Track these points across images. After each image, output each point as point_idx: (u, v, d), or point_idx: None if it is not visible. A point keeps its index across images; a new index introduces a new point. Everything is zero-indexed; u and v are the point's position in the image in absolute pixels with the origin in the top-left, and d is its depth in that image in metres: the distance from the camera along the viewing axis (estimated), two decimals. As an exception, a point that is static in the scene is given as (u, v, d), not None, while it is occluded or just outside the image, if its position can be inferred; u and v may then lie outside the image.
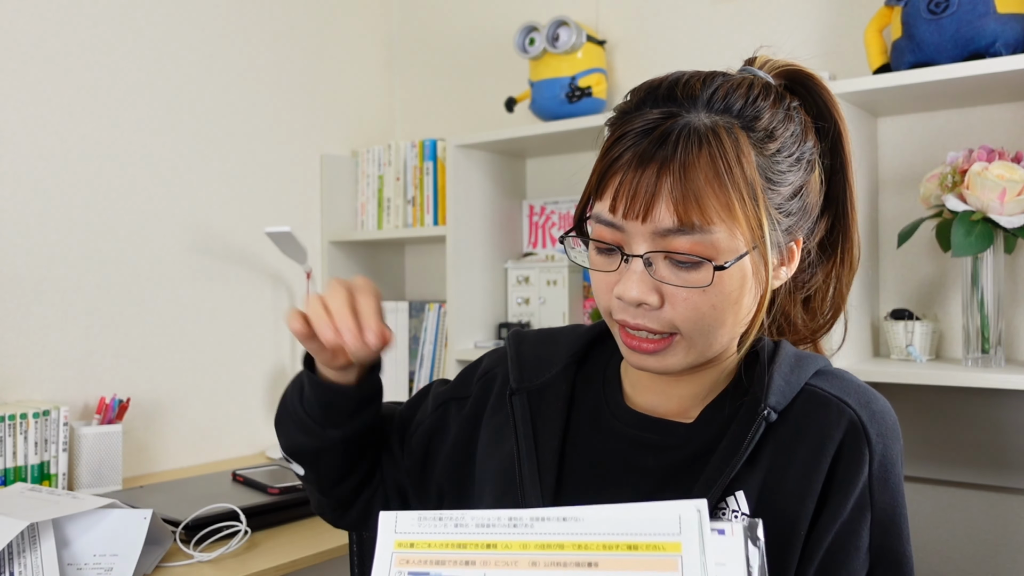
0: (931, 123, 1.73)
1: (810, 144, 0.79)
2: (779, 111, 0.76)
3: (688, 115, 0.73)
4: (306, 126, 2.38)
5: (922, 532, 1.74)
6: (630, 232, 0.73)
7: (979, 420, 1.67)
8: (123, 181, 1.97)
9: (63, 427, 1.70)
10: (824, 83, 0.83)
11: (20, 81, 1.80)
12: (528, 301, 2.15)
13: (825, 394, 0.78)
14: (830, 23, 1.86)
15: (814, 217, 0.82)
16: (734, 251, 0.72)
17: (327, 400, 0.87)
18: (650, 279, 0.73)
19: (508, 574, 0.63)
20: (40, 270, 1.82)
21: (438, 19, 2.54)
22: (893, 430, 0.77)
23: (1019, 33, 1.48)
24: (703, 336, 0.75)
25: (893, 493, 0.76)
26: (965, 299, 1.55)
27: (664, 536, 0.61)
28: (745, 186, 0.71)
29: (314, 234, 2.40)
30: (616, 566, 0.61)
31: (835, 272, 0.86)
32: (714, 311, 0.74)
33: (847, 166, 0.84)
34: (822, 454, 0.75)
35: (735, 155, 0.71)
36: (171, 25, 2.06)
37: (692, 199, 0.70)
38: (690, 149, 0.71)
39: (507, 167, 2.27)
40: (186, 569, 1.34)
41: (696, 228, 0.71)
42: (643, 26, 2.12)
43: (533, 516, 0.64)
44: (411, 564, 0.64)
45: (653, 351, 0.75)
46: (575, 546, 0.63)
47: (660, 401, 0.84)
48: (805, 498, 0.74)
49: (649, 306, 0.74)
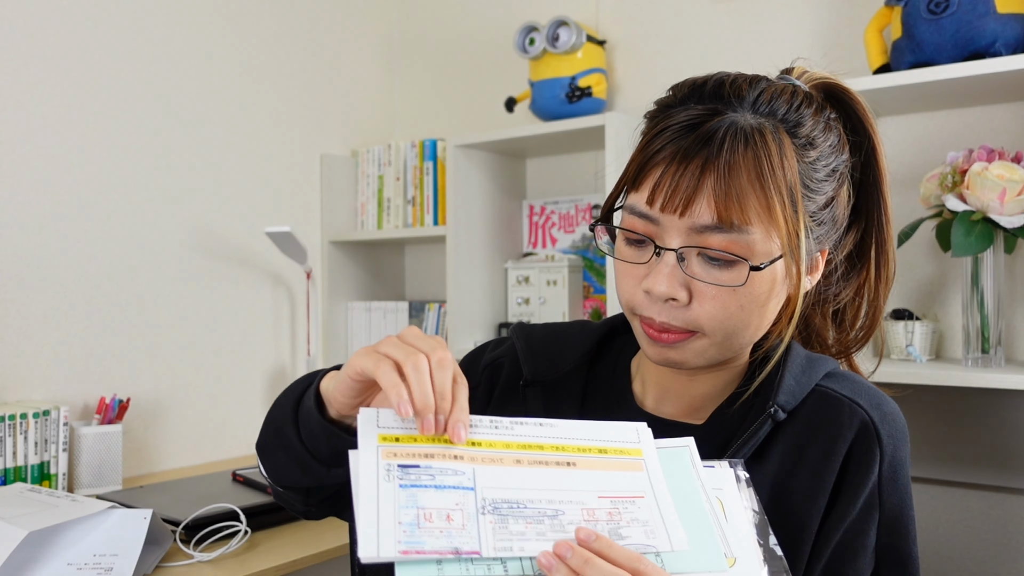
0: (931, 123, 1.73)
1: (845, 157, 0.80)
2: (820, 121, 0.77)
3: (733, 114, 0.73)
4: (306, 126, 2.38)
5: (922, 532, 1.74)
6: (665, 226, 0.72)
7: (979, 420, 1.67)
8: (123, 181, 1.97)
9: (63, 427, 1.70)
10: (859, 97, 0.83)
11: (20, 81, 1.80)
12: (528, 301, 2.15)
13: (837, 395, 0.78)
14: (830, 23, 1.86)
15: (841, 229, 0.82)
16: (768, 254, 0.72)
17: (340, 443, 0.73)
18: (681, 274, 0.72)
19: (494, 469, 0.64)
20: (40, 270, 1.82)
21: (438, 19, 2.54)
22: (902, 432, 0.78)
23: (1019, 33, 1.48)
24: (726, 337, 0.74)
25: (901, 494, 0.77)
26: (965, 299, 1.54)
27: (627, 444, 0.69)
28: (786, 190, 0.71)
29: (314, 234, 2.40)
30: (591, 466, 0.67)
31: (868, 286, 0.86)
32: (741, 312, 0.73)
33: (881, 180, 0.84)
34: (833, 454, 0.75)
35: (779, 158, 0.71)
36: (171, 25, 2.06)
37: (734, 198, 0.70)
38: (735, 148, 0.70)
39: (507, 167, 2.27)
40: (186, 569, 1.34)
41: (734, 227, 0.70)
42: (643, 26, 2.12)
43: (512, 421, 0.68)
44: (399, 457, 0.63)
45: (672, 343, 0.74)
46: (553, 448, 0.67)
47: (670, 401, 0.84)
48: (816, 497, 0.74)
49: (677, 302, 0.73)
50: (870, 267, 0.85)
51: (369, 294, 2.52)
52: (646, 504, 0.64)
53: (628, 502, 0.64)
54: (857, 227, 0.85)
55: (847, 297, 0.86)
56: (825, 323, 0.88)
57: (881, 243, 0.85)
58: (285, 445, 0.78)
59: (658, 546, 0.62)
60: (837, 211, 0.79)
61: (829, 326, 0.88)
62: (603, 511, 0.63)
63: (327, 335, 2.41)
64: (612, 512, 0.64)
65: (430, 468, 0.63)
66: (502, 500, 0.62)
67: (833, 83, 0.83)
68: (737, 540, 0.64)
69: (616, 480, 0.66)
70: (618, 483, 0.65)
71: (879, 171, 0.84)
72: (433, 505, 0.61)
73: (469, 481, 0.63)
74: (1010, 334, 1.64)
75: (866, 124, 0.83)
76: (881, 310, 0.87)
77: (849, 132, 0.82)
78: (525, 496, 0.63)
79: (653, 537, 0.63)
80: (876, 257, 0.85)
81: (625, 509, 0.64)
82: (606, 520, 0.63)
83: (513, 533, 0.61)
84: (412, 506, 0.60)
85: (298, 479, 0.79)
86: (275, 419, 0.80)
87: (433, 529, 0.60)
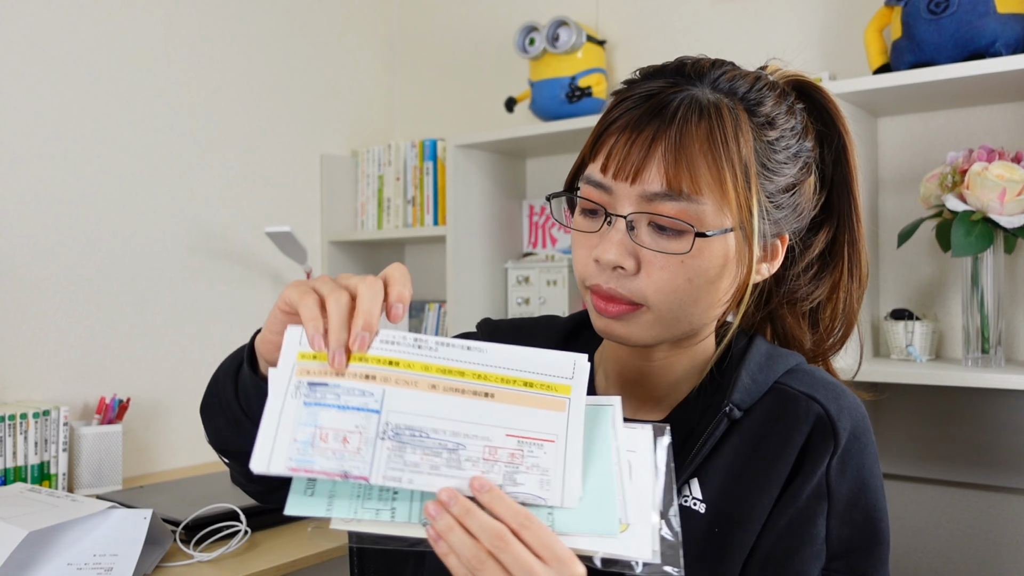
0: (931, 123, 1.73)
1: (809, 145, 0.80)
2: (782, 104, 0.77)
3: (693, 89, 0.74)
4: (306, 126, 2.38)
5: (922, 532, 1.74)
6: (617, 194, 0.73)
7: (979, 420, 1.67)
8: (123, 181, 1.97)
9: (63, 427, 1.70)
10: (831, 96, 0.84)
11: (20, 81, 1.80)
12: (528, 301, 2.15)
13: (794, 391, 0.78)
14: (830, 23, 1.86)
15: (805, 220, 0.82)
16: (719, 226, 0.72)
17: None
18: (630, 243, 0.73)
19: (406, 392, 0.63)
20: (40, 270, 1.82)
21: (438, 19, 2.54)
22: (860, 425, 0.77)
23: (1019, 33, 1.48)
24: (672, 311, 0.74)
25: (857, 486, 0.75)
26: (965, 299, 1.54)
27: (558, 379, 0.65)
28: (739, 164, 0.71)
29: (314, 234, 2.40)
30: (510, 399, 0.64)
31: (843, 286, 0.86)
32: (689, 285, 0.73)
33: (852, 179, 0.84)
34: (789, 446, 0.75)
35: (733, 131, 0.72)
36: (171, 25, 2.06)
37: (684, 165, 0.70)
38: (689, 118, 0.71)
39: (507, 167, 2.27)
40: (186, 569, 1.34)
41: (684, 195, 0.70)
42: (643, 26, 2.12)
43: (438, 341, 0.65)
44: (311, 374, 0.62)
45: (617, 315, 0.74)
46: (475, 375, 0.64)
47: (633, 392, 0.84)
48: (769, 487, 0.74)
49: (625, 271, 0.73)
50: (843, 266, 0.85)
51: (369, 294, 2.52)
52: (553, 450, 0.62)
53: (535, 445, 0.62)
54: (829, 225, 0.85)
55: (821, 296, 0.86)
56: (798, 324, 0.87)
57: (852, 242, 0.85)
58: (222, 404, 0.78)
59: (549, 499, 0.61)
60: (801, 200, 0.79)
61: (804, 328, 0.88)
62: (506, 451, 0.62)
63: (327, 335, 2.40)
64: (515, 454, 0.62)
65: (338, 387, 0.62)
66: (406, 426, 0.62)
67: (805, 80, 0.84)
68: (637, 506, 0.62)
69: (532, 418, 0.63)
70: (533, 422, 0.63)
71: (850, 169, 0.84)
72: (331, 425, 0.61)
73: (376, 403, 0.62)
74: (1010, 334, 1.64)
75: (837, 122, 0.84)
76: (855, 311, 0.87)
77: (820, 126, 0.83)
78: (431, 424, 0.62)
79: (547, 489, 0.61)
80: (848, 256, 0.85)
81: (530, 452, 0.62)
82: (506, 461, 0.62)
83: (407, 463, 0.60)
84: (311, 424, 0.60)
85: (233, 439, 0.79)
86: (217, 379, 0.81)
87: (326, 450, 0.60)
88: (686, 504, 0.75)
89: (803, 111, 0.80)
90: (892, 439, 1.76)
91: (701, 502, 0.75)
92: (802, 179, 0.79)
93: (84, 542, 1.24)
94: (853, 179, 0.84)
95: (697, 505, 0.75)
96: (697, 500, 0.75)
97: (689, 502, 0.75)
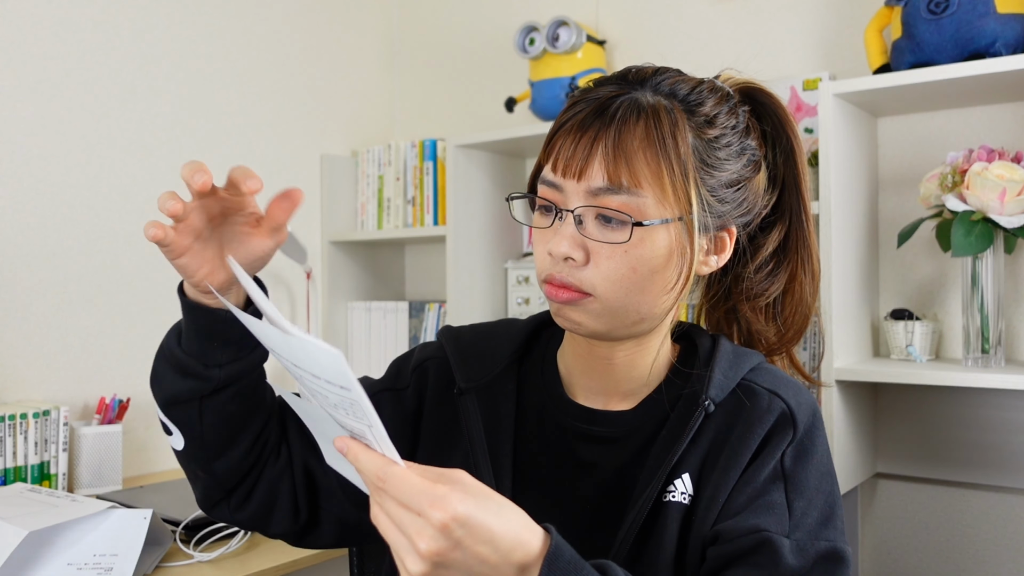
0: (931, 123, 1.73)
1: (753, 143, 0.85)
2: (724, 105, 0.82)
3: (635, 93, 0.80)
4: (306, 126, 2.38)
5: (922, 532, 1.74)
6: (567, 191, 0.79)
7: (979, 420, 1.67)
8: (123, 181, 1.97)
9: (63, 427, 1.70)
10: (780, 101, 0.90)
11: (20, 81, 1.80)
12: (528, 301, 2.15)
13: (760, 388, 0.84)
14: (830, 23, 1.86)
15: (753, 214, 0.87)
16: (659, 217, 0.78)
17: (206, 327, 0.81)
18: (579, 235, 0.78)
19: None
20: (40, 270, 1.82)
21: (438, 19, 2.54)
22: (814, 417, 0.84)
23: (1019, 33, 1.48)
24: (619, 299, 0.79)
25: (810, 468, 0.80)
26: (965, 299, 1.54)
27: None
28: (676, 158, 0.77)
29: (314, 234, 2.40)
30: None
31: (798, 280, 0.92)
32: (633, 274, 0.78)
33: (800, 179, 0.90)
34: (751, 437, 0.81)
35: (670, 128, 0.77)
36: (171, 25, 2.06)
37: (623, 161, 0.76)
38: (627, 118, 0.77)
39: (507, 167, 2.27)
40: (186, 569, 1.34)
41: (624, 189, 0.76)
42: (643, 26, 2.12)
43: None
44: None
45: (567, 301, 0.79)
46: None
47: (597, 387, 0.88)
48: (730, 470, 0.80)
49: (575, 262, 0.78)
50: (796, 263, 0.91)
51: (369, 294, 2.52)
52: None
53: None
54: (781, 224, 0.91)
55: (777, 291, 0.91)
56: (758, 318, 0.92)
57: (803, 239, 0.91)
58: (168, 356, 0.84)
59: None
60: (747, 195, 0.84)
61: (766, 322, 0.93)
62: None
63: (327, 335, 2.41)
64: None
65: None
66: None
67: (755, 86, 0.89)
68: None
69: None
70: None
71: (798, 171, 0.90)
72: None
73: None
74: (1010, 334, 1.64)
75: (786, 126, 0.89)
76: (811, 304, 0.93)
77: (770, 129, 0.89)
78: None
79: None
80: (799, 253, 0.91)
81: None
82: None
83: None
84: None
85: (179, 390, 0.83)
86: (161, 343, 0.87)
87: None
88: (675, 500, 0.80)
89: (748, 113, 0.86)
90: (892, 439, 1.76)
91: (690, 496, 0.80)
92: (749, 176, 0.84)
93: (84, 542, 1.24)
94: (801, 180, 0.90)
95: (686, 499, 0.80)
96: (688, 495, 0.80)
97: (678, 497, 0.80)
